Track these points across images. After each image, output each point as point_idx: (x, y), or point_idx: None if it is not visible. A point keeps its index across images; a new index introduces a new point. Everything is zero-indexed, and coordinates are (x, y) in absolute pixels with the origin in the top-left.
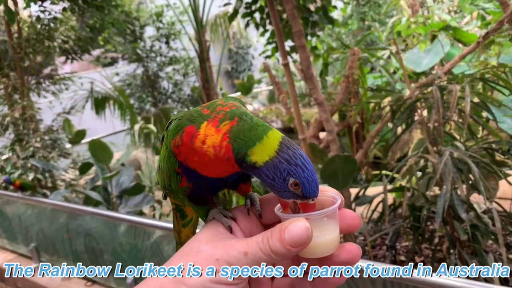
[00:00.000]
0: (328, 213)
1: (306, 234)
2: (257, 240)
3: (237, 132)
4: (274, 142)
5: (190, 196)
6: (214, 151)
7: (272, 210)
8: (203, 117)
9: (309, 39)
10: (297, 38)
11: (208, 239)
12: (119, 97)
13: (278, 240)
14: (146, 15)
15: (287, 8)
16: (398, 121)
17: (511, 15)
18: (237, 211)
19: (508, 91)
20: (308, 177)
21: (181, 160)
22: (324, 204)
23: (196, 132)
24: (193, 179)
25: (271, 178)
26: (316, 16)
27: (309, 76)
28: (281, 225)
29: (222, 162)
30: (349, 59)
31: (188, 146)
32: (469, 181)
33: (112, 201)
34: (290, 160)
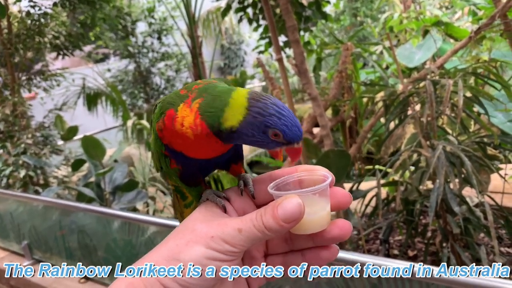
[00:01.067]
0: (319, 190)
1: (299, 210)
2: (251, 218)
3: (205, 106)
4: (241, 100)
5: (182, 178)
6: (192, 131)
7: (264, 191)
8: (180, 98)
9: (302, 34)
10: (291, 33)
11: (202, 218)
12: (112, 93)
13: (271, 216)
14: (137, 11)
15: (280, 3)
16: (391, 116)
17: (503, 10)
18: (231, 191)
19: (500, 85)
20: (286, 123)
21: (166, 144)
22: (315, 182)
23: (175, 114)
24: (180, 161)
25: (251, 135)
26: (309, 11)
27: (303, 71)
28: (274, 202)
29: (205, 140)
30: (342, 54)
31: (170, 129)
32: (461, 175)
33: (105, 197)
34: (263, 111)
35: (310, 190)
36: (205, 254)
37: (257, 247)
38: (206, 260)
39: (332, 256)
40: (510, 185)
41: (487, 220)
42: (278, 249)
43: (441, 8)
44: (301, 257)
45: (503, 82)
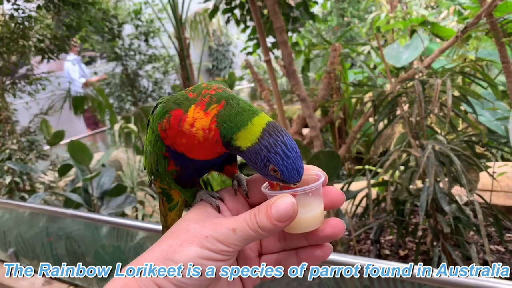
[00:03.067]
0: (312, 189)
1: (292, 209)
2: (244, 217)
3: (224, 117)
4: (257, 128)
5: (178, 179)
6: (203, 134)
7: (258, 191)
8: (189, 100)
9: (290, 35)
10: (279, 34)
11: (196, 219)
12: (98, 96)
13: (265, 215)
14: (124, 13)
15: (268, 4)
16: (380, 116)
17: (488, 10)
18: (224, 191)
19: (487, 84)
20: (287, 165)
21: (168, 144)
22: (308, 181)
23: (184, 115)
24: (180, 162)
25: (253, 162)
26: (297, 12)
27: (292, 72)
28: (268, 202)
29: (211, 144)
30: (331, 55)
31: (175, 130)
32: (451, 174)
33: (93, 202)
34: (270, 148)
35: (303, 189)
36: (200, 254)
37: (251, 247)
38: (201, 260)
39: (326, 254)
40: (498, 183)
41: (476, 219)
42: (272, 248)
43: (427, 8)
44: (295, 256)
45: (490, 81)
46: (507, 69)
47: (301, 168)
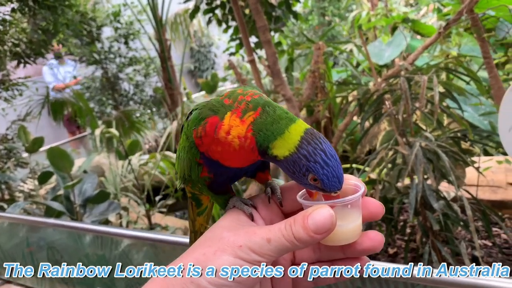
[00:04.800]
0: (351, 201)
1: (330, 221)
2: (279, 227)
3: (260, 125)
4: (295, 137)
5: (210, 186)
6: (239, 142)
7: (292, 199)
8: (225, 107)
9: (273, 35)
10: (262, 33)
11: (230, 226)
12: (78, 101)
13: (301, 227)
14: (102, 15)
15: (250, 3)
16: (366, 115)
17: (469, 6)
18: (258, 199)
19: (471, 79)
20: (328, 173)
21: (203, 151)
22: (346, 192)
23: (220, 122)
24: (214, 169)
25: (291, 172)
26: (279, 11)
27: (276, 72)
28: (305, 212)
29: (246, 152)
30: (314, 54)
31: (211, 137)
32: (439, 171)
33: (75, 210)
34: (309, 156)
35: (342, 201)
36: (233, 264)
37: (284, 256)
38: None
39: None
40: (484, 177)
41: (464, 214)
42: (306, 258)
43: (407, 5)
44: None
45: (474, 76)
46: (489, 64)
47: (342, 176)
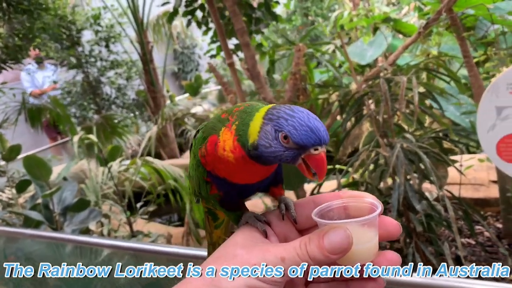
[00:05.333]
0: (368, 220)
1: (347, 242)
2: (294, 246)
3: (239, 126)
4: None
5: (222, 203)
6: (233, 155)
7: (306, 215)
8: (222, 122)
9: (254, 36)
10: (240, 36)
11: (243, 243)
12: (56, 107)
13: (316, 246)
14: (82, 19)
15: (227, 5)
16: (347, 116)
17: (448, 5)
18: (272, 215)
19: (450, 79)
20: (294, 123)
21: (209, 170)
22: (362, 210)
23: (218, 139)
24: (223, 187)
25: (268, 146)
26: (259, 13)
27: (256, 75)
28: (320, 231)
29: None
30: (295, 56)
31: (213, 155)
32: (420, 172)
33: (55, 219)
34: (273, 116)
35: (359, 221)
36: (247, 283)
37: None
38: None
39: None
40: (466, 176)
41: (447, 213)
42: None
43: (388, 5)
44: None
45: (454, 76)
46: (469, 63)
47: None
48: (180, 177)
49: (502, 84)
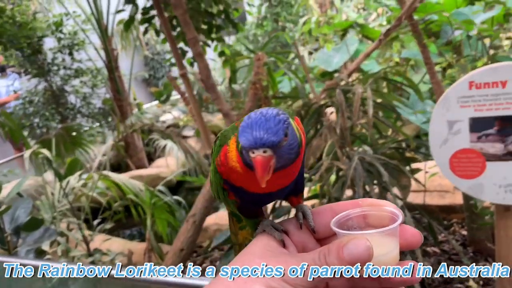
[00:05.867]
0: (389, 230)
1: (367, 254)
2: (313, 257)
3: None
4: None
5: (240, 209)
6: (239, 165)
7: (324, 224)
8: (233, 131)
9: (216, 44)
10: (192, 46)
11: (260, 253)
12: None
13: (336, 258)
14: (43, 25)
15: (177, 14)
16: (307, 127)
17: (408, 12)
18: (289, 224)
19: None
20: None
21: (225, 178)
22: (382, 219)
23: (228, 149)
24: (239, 195)
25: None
26: (220, 20)
27: (210, 86)
28: (339, 242)
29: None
30: (255, 65)
31: (225, 166)
32: (381, 183)
33: (6, 239)
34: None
35: (380, 231)
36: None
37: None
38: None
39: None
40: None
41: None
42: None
43: (359, 10)
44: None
45: (412, 85)
46: (431, 70)
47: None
48: (141, 191)
49: (452, 97)
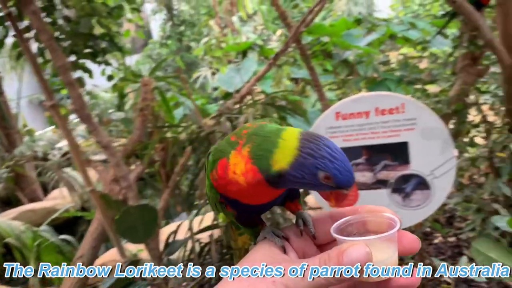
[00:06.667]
0: (388, 236)
1: (367, 259)
2: (313, 263)
3: (255, 150)
4: (292, 141)
5: (238, 219)
6: (244, 178)
7: (325, 231)
8: (231, 145)
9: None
10: (63, 74)
11: (262, 260)
12: None
13: (336, 264)
14: None
15: (42, 40)
16: (196, 155)
17: (295, 36)
18: (290, 231)
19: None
20: (338, 167)
21: (221, 192)
22: (381, 225)
23: (227, 163)
24: (236, 207)
25: (300, 178)
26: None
27: (85, 117)
28: (339, 248)
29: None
30: (142, 90)
31: (223, 178)
32: None
33: None
34: (315, 153)
35: (378, 237)
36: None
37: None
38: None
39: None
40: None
41: None
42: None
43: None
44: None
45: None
46: (320, 92)
47: (352, 170)
48: (22, 233)
49: (322, 127)
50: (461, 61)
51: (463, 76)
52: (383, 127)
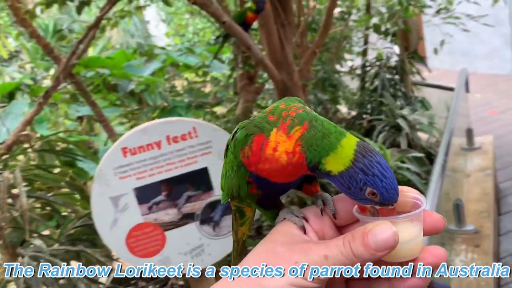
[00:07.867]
0: (413, 216)
1: (393, 239)
2: (337, 244)
3: (309, 140)
4: (349, 151)
5: (259, 202)
6: (287, 157)
7: (346, 211)
8: (271, 124)
9: None
10: None
11: (282, 241)
12: None
13: (361, 244)
14: None
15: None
16: None
17: (65, 71)
18: (309, 211)
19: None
20: (386, 185)
21: (251, 170)
22: (405, 204)
23: (266, 140)
24: (263, 186)
25: (346, 187)
26: None
27: None
28: (364, 228)
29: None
30: None
31: (258, 156)
32: None
33: None
34: (366, 170)
35: (404, 217)
36: (290, 281)
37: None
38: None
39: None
40: None
41: None
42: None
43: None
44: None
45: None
46: (107, 127)
47: (397, 188)
48: None
49: (108, 169)
50: (239, 81)
51: (244, 95)
52: (178, 156)
